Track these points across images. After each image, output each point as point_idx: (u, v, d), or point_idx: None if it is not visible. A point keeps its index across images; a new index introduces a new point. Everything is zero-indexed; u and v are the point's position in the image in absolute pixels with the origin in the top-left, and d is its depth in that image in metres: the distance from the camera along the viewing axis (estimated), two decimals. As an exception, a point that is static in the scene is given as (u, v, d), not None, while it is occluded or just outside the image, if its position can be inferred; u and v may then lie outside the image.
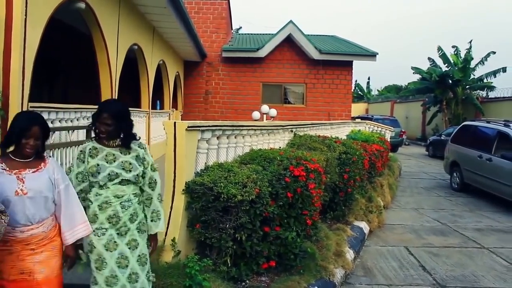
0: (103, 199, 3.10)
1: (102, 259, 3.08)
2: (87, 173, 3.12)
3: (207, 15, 18.68)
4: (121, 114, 3.15)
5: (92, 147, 3.17)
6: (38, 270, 2.76)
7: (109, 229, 3.09)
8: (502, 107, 23.52)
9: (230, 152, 5.52)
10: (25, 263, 2.72)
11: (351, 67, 18.79)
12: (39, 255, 2.77)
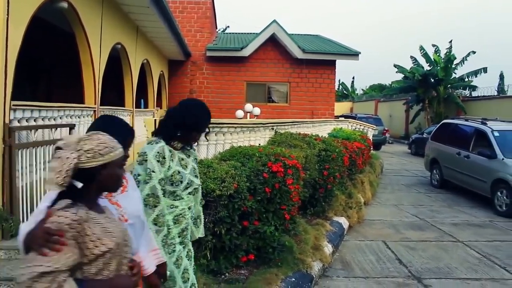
0: (179, 211, 2.79)
1: (173, 278, 2.78)
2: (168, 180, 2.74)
3: (191, 14, 18.75)
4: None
5: (168, 150, 2.77)
6: None
7: (177, 244, 2.81)
8: (483, 106, 23.96)
9: (211, 149, 5.65)
10: None
11: (334, 66, 19.00)
12: None
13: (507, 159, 9.52)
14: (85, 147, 1.73)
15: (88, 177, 1.74)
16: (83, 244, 1.64)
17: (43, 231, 1.60)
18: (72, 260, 1.62)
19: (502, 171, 9.41)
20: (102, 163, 1.75)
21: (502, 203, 9.31)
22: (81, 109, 7.52)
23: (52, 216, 1.63)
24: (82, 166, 1.70)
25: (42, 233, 1.59)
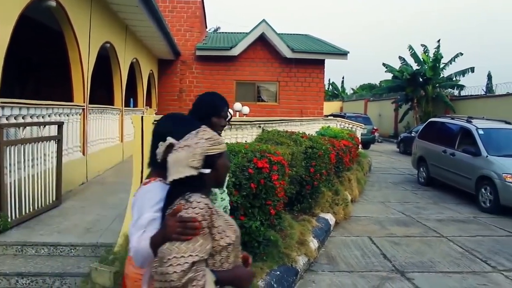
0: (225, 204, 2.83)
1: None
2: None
3: (181, 14, 18.82)
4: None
5: None
6: None
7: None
8: (471, 105, 24.25)
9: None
10: None
11: (323, 66, 19.16)
12: None
13: (491, 156, 9.69)
14: (205, 136, 1.89)
15: (209, 164, 1.85)
16: (211, 236, 1.74)
17: (180, 220, 1.70)
18: (209, 249, 1.72)
19: (486, 168, 9.58)
20: (220, 151, 1.90)
21: (486, 200, 9.48)
22: (69, 107, 7.57)
23: (181, 210, 1.72)
24: (207, 152, 1.85)
25: (180, 223, 1.69)
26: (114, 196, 6.95)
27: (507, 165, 9.29)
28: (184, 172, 1.80)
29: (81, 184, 8.04)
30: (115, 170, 9.97)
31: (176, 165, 1.82)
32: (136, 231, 1.97)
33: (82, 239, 4.96)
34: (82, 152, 8.26)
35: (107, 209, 6.23)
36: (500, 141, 10.48)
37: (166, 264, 1.63)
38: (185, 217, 1.70)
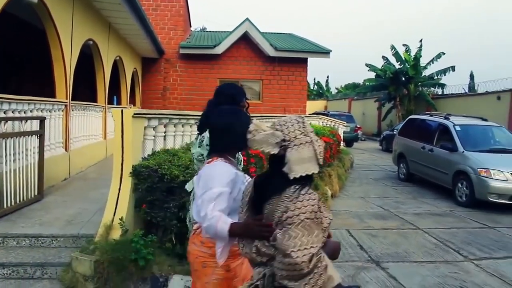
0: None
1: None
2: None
3: (165, 12, 18.85)
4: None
5: None
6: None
7: None
8: (452, 103, 24.66)
9: (178, 140, 5.86)
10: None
11: (306, 64, 19.34)
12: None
13: (467, 151, 9.94)
14: (309, 130, 2.11)
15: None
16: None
17: (262, 225, 2.06)
18: (323, 237, 2.02)
19: (462, 163, 9.82)
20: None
21: (462, 194, 9.72)
22: (52, 103, 7.64)
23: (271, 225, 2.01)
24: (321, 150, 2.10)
25: (263, 227, 2.06)
26: (96, 191, 7.03)
27: (482, 160, 9.55)
28: (313, 169, 2.01)
29: (64, 180, 8.10)
30: (98, 167, 10.03)
31: (303, 161, 1.99)
32: (207, 203, 2.34)
33: (63, 230, 5.06)
34: (64, 148, 8.33)
35: (89, 203, 6.31)
36: (476, 137, 10.76)
37: (292, 256, 1.88)
38: (265, 224, 2.03)
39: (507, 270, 5.73)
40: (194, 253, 2.67)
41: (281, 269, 1.93)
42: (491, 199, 9.12)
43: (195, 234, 2.70)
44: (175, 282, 4.22)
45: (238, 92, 3.28)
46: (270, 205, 2.04)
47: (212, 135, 2.72)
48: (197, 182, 2.59)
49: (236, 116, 2.70)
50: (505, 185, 9.06)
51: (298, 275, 1.90)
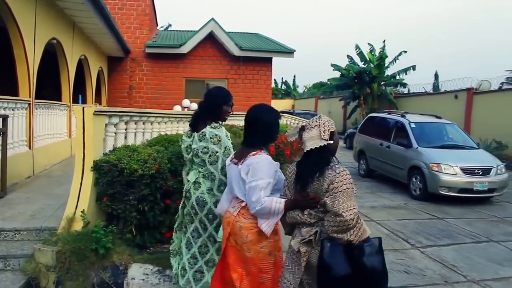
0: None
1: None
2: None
3: (131, 11, 18.91)
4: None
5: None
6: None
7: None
8: (414, 102, 25.43)
9: (139, 137, 6.09)
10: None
11: (271, 64, 19.71)
12: None
13: (421, 147, 10.45)
14: (325, 119, 2.97)
15: (331, 138, 2.89)
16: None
17: (310, 198, 2.92)
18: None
19: (416, 159, 10.32)
20: (334, 129, 2.96)
21: (416, 188, 10.22)
22: (15, 102, 7.72)
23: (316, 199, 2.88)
24: (330, 129, 2.91)
25: (310, 200, 2.92)
26: (60, 188, 7.15)
27: (434, 155, 10.07)
28: (319, 143, 2.84)
29: (27, 178, 8.20)
30: (62, 165, 10.12)
31: (312, 139, 2.87)
32: (258, 191, 3.05)
33: (26, 224, 5.21)
34: (28, 146, 8.41)
35: (53, 199, 6.45)
36: (430, 133, 11.29)
37: (343, 215, 2.68)
38: (311, 197, 2.90)
39: (447, 256, 6.20)
40: (247, 226, 3.18)
41: (332, 226, 2.74)
42: (441, 192, 9.63)
43: (242, 210, 3.23)
44: (134, 270, 4.47)
45: (227, 93, 3.95)
46: (317, 181, 2.85)
47: (254, 130, 3.32)
48: (245, 169, 3.17)
49: (275, 113, 3.42)
50: (454, 179, 9.59)
51: (346, 229, 2.71)
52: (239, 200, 3.27)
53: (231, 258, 3.25)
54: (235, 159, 3.34)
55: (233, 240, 3.23)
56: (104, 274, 4.41)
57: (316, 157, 2.88)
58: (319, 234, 2.86)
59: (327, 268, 2.75)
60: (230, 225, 3.24)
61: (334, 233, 2.73)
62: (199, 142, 3.74)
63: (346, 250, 2.76)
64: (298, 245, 2.90)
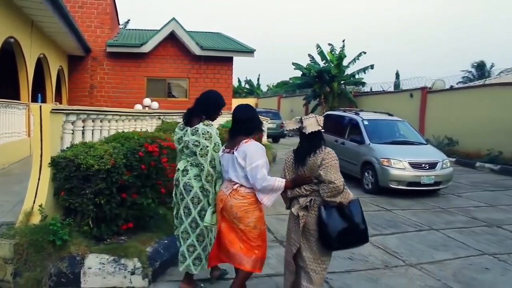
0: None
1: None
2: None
3: (91, 10, 18.91)
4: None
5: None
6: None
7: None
8: (372, 100, 26.20)
9: (96, 134, 6.30)
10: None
11: (232, 63, 20.05)
12: None
13: (373, 144, 10.96)
14: (316, 114, 3.99)
15: (322, 127, 3.93)
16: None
17: (305, 177, 3.94)
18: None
19: (368, 154, 10.81)
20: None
21: (369, 182, 10.72)
22: (-29, 101, 7.78)
23: (311, 178, 3.91)
24: (322, 120, 3.97)
25: (305, 178, 3.94)
26: (19, 185, 7.22)
27: (385, 151, 10.59)
28: (317, 127, 3.87)
29: (-15, 176, 8.25)
30: (21, 164, 10.13)
31: (311, 125, 3.86)
32: (260, 169, 3.83)
33: (-16, 220, 5.34)
34: (-14, 145, 8.46)
35: (11, 195, 6.54)
36: (382, 130, 11.82)
37: (335, 183, 3.72)
38: (306, 177, 3.89)
39: (391, 243, 6.66)
40: (237, 205, 3.94)
41: (327, 192, 3.75)
42: (391, 185, 10.16)
43: (233, 191, 3.98)
44: (91, 260, 4.69)
45: (223, 99, 4.66)
46: (312, 159, 3.85)
47: (242, 124, 4.08)
48: (242, 155, 3.91)
49: (254, 110, 4.25)
50: (403, 173, 10.12)
51: (337, 193, 3.75)
52: (232, 182, 4.00)
53: (227, 229, 4.02)
54: (227, 149, 4.10)
55: (226, 214, 4.01)
56: (61, 264, 4.60)
57: (312, 140, 3.88)
58: (313, 201, 3.85)
59: (327, 226, 3.74)
60: (222, 202, 4.01)
61: (329, 197, 3.74)
62: (191, 136, 4.30)
63: (338, 210, 3.77)
64: (297, 210, 3.92)
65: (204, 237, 4.44)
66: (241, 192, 3.96)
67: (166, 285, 4.84)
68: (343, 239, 3.80)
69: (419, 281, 5.27)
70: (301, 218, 3.89)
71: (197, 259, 4.45)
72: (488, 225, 8.00)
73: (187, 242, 4.42)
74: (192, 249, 4.42)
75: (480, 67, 46.75)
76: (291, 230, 4.12)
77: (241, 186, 3.97)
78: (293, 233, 4.07)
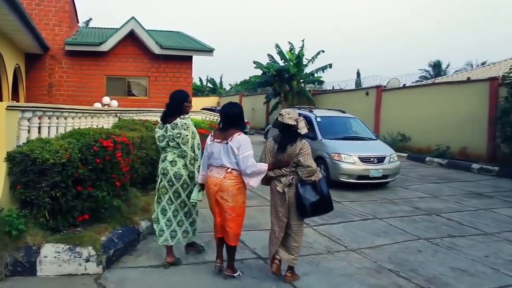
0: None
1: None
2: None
3: (49, 7, 18.78)
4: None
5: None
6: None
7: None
8: (329, 98, 26.91)
9: (53, 131, 6.50)
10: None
11: (191, 62, 20.29)
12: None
13: (325, 139, 11.45)
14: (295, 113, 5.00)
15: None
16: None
17: (284, 161, 4.88)
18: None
19: (321, 150, 11.29)
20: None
21: (321, 176, 11.19)
22: None
23: (288, 162, 4.86)
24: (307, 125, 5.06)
25: (284, 162, 4.87)
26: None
27: (336, 146, 11.09)
28: (306, 130, 4.90)
29: None
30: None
31: (304, 126, 4.85)
32: (250, 158, 4.69)
33: None
34: None
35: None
36: (334, 127, 12.34)
37: (311, 166, 4.72)
38: (284, 161, 4.82)
39: (335, 232, 7.12)
40: (232, 184, 4.83)
41: (305, 173, 4.74)
42: (342, 179, 10.66)
43: (227, 174, 4.83)
44: (47, 249, 4.94)
45: (186, 94, 5.50)
46: (291, 148, 4.76)
47: (231, 119, 4.91)
48: (236, 145, 4.72)
49: (241, 107, 5.15)
50: (353, 167, 10.65)
51: (312, 174, 4.75)
52: (225, 167, 4.84)
53: (220, 211, 4.94)
54: (217, 139, 4.91)
55: (219, 196, 4.85)
56: (17, 254, 4.82)
57: (293, 134, 4.84)
58: (293, 180, 4.83)
59: (304, 198, 4.75)
60: (217, 185, 4.84)
61: (306, 177, 4.76)
62: (173, 130, 5.19)
63: (312, 186, 4.79)
64: (283, 188, 4.85)
65: (191, 214, 5.48)
66: (234, 174, 4.83)
67: (120, 271, 5.13)
68: (315, 209, 4.82)
69: (357, 263, 5.72)
70: (286, 193, 4.83)
71: (184, 232, 5.46)
72: (428, 213, 8.58)
73: (177, 218, 5.37)
74: (181, 223, 5.40)
75: (437, 66, 48.47)
76: (277, 205, 4.98)
77: (233, 169, 4.82)
78: (280, 207, 4.95)
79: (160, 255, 5.65)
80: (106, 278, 4.89)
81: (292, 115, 4.91)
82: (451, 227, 7.64)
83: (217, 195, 4.86)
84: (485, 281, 5.26)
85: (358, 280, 5.15)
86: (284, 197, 4.86)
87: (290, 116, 4.89)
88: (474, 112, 16.04)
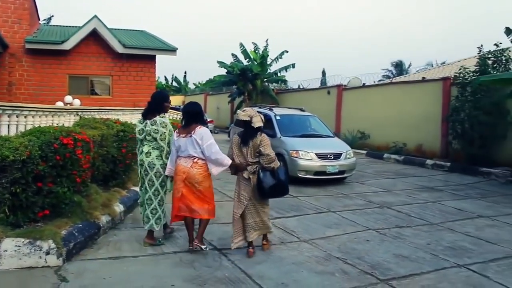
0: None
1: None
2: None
3: (8, 4, 18.55)
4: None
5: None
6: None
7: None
8: (291, 97, 27.43)
9: (12, 129, 6.62)
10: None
11: (154, 61, 20.41)
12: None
13: (283, 137, 11.84)
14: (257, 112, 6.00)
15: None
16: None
17: (240, 165, 5.89)
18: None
19: (280, 147, 11.64)
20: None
21: (280, 173, 11.55)
22: None
23: (246, 167, 5.86)
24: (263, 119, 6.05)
25: (240, 166, 5.90)
26: None
27: (294, 143, 11.50)
28: (261, 123, 5.82)
29: None
30: None
31: (258, 121, 5.77)
32: (214, 146, 5.58)
33: None
34: None
35: None
36: (293, 124, 12.75)
37: (270, 155, 5.69)
38: (243, 165, 5.82)
39: (290, 224, 7.50)
40: (198, 172, 5.63)
41: (265, 161, 5.68)
42: (300, 175, 11.06)
43: (194, 164, 5.61)
44: (7, 243, 5.09)
45: (165, 95, 6.41)
46: (252, 141, 5.68)
47: (193, 116, 5.72)
48: (199, 136, 5.54)
49: (200, 106, 6.00)
50: (310, 163, 11.06)
51: (271, 161, 5.70)
52: (192, 157, 5.60)
53: (187, 192, 5.64)
54: (182, 134, 5.64)
55: (188, 182, 5.60)
56: (-22, 249, 4.98)
57: (254, 129, 5.72)
58: (257, 168, 5.71)
59: (264, 182, 5.64)
60: (185, 173, 5.59)
61: (266, 165, 5.67)
62: (151, 126, 5.92)
63: (271, 173, 5.70)
64: (249, 175, 5.75)
65: (164, 202, 6.13)
66: (199, 163, 5.63)
67: (80, 263, 5.34)
68: (272, 191, 5.77)
69: (307, 253, 6.09)
70: (251, 180, 5.75)
71: (158, 219, 6.09)
72: (379, 206, 9.06)
73: (151, 206, 6.02)
74: (155, 211, 6.05)
75: (399, 66, 49.73)
76: (241, 189, 5.86)
77: (199, 159, 5.60)
78: (243, 191, 5.84)
79: (120, 247, 5.90)
80: (66, 270, 5.09)
81: (246, 113, 5.84)
82: (399, 219, 8.12)
83: (185, 181, 5.61)
84: (423, 265, 5.70)
85: (307, 268, 5.50)
86: (249, 183, 5.77)
87: (245, 114, 5.81)
88: (429, 111, 16.74)
